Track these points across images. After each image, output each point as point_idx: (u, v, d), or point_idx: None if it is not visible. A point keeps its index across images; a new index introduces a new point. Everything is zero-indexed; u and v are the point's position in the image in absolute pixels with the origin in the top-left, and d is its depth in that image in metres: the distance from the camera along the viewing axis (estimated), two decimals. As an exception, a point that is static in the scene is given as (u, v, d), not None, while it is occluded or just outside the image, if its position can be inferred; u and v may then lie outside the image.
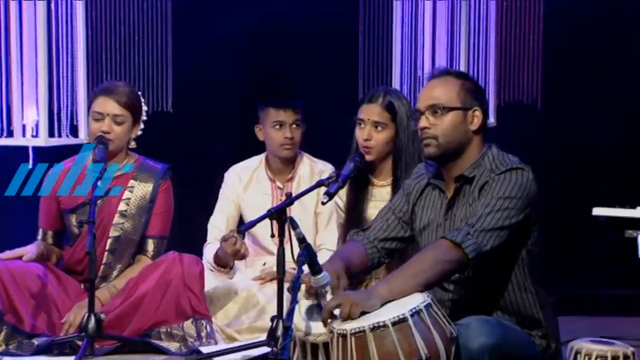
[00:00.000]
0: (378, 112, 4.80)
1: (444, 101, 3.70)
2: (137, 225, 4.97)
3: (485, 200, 3.59)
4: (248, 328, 4.93)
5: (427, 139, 3.71)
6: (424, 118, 3.71)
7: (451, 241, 3.51)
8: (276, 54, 6.20)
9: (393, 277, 3.51)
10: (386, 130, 4.80)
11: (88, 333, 4.47)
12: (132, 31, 5.90)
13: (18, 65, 5.49)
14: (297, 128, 5.24)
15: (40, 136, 5.51)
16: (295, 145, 5.26)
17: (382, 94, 4.83)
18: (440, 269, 3.50)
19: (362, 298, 3.43)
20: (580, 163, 6.20)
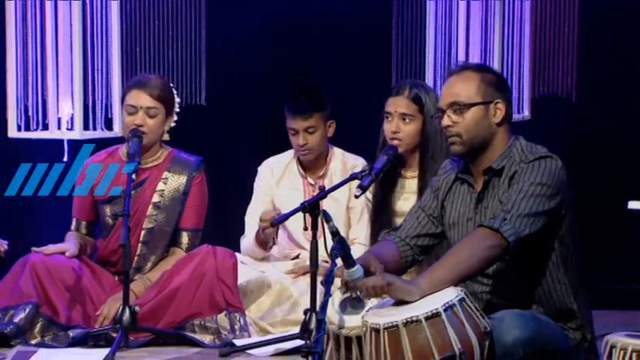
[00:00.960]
0: (405, 104, 4.79)
1: (464, 98, 3.68)
2: (170, 217, 4.99)
3: (518, 186, 3.58)
4: (281, 321, 4.94)
5: (451, 137, 3.70)
6: (446, 116, 3.70)
7: (489, 228, 3.49)
8: (310, 49, 6.19)
9: (433, 269, 3.49)
10: (413, 121, 4.79)
11: (123, 325, 4.49)
12: (166, 25, 5.92)
13: (53, 59, 5.52)
14: (312, 134, 5.19)
15: (75, 129, 5.54)
16: (311, 150, 5.22)
17: (408, 86, 4.82)
18: (480, 256, 3.48)
19: (405, 288, 3.42)
20: (615, 155, 6.16)
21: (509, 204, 3.54)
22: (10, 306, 4.70)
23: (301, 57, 6.21)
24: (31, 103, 5.58)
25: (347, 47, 6.11)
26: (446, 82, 3.77)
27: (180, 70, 5.97)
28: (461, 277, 3.46)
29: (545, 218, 3.55)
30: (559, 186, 3.59)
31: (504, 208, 3.54)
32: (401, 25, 5.85)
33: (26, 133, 5.60)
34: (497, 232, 3.48)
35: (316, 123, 5.18)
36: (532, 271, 3.65)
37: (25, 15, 5.50)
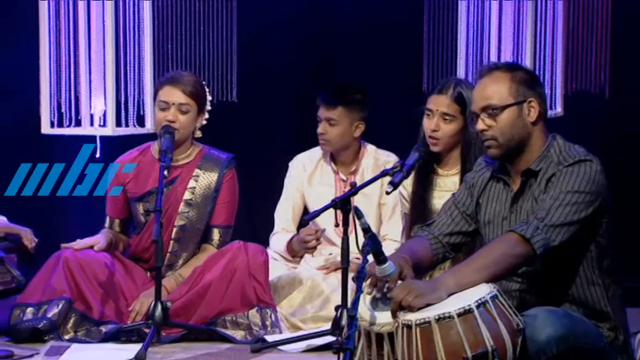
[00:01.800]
0: (447, 104, 4.77)
1: (497, 100, 3.64)
2: (202, 214, 5.01)
3: (554, 194, 3.54)
4: (312, 317, 4.94)
5: (487, 140, 3.67)
6: (480, 120, 3.67)
7: (520, 235, 3.47)
8: (341, 46, 6.19)
9: (459, 269, 3.49)
10: (454, 121, 4.77)
11: (155, 321, 4.51)
12: (198, 22, 5.93)
13: (86, 56, 5.55)
14: (332, 126, 5.21)
15: (108, 125, 5.57)
16: (328, 141, 5.23)
17: (452, 85, 4.79)
18: (507, 263, 3.47)
19: (428, 290, 3.42)
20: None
21: (543, 212, 3.51)
22: (44, 301, 4.73)
23: (332, 54, 6.21)
24: (64, 99, 5.61)
25: (378, 45, 6.10)
26: (477, 84, 3.73)
27: (212, 68, 5.98)
28: (485, 280, 3.46)
29: (580, 226, 3.52)
30: (598, 191, 3.56)
31: (538, 215, 3.51)
32: (432, 24, 5.83)
33: (59, 129, 5.63)
34: (527, 241, 3.47)
35: (339, 117, 5.19)
36: (566, 272, 3.63)
37: (58, 14, 5.53)
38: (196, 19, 5.93)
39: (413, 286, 3.44)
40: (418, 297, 3.39)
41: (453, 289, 3.43)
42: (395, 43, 6.05)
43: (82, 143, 5.78)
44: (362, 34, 6.12)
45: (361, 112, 5.25)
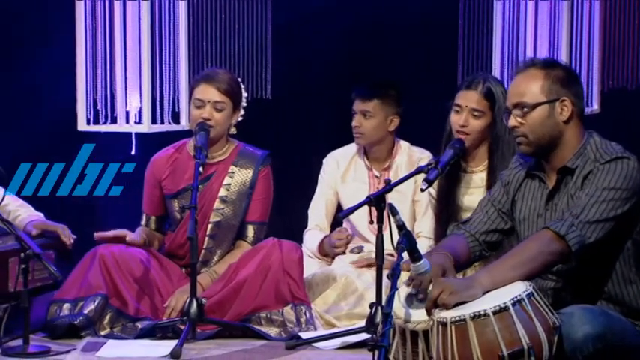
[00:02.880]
0: (476, 100, 4.76)
1: (528, 98, 3.63)
2: (237, 210, 5.02)
3: (590, 191, 3.53)
4: (347, 314, 4.94)
5: (518, 137, 3.66)
6: (512, 117, 3.66)
7: (554, 233, 3.47)
8: (376, 42, 6.18)
9: (494, 267, 3.48)
10: (483, 117, 4.77)
11: (190, 317, 4.52)
12: (232, 20, 5.95)
13: (122, 54, 5.58)
14: (367, 119, 5.22)
15: (144, 122, 5.60)
16: (363, 134, 5.24)
17: (481, 81, 4.79)
18: (542, 260, 3.47)
19: (462, 287, 3.41)
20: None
21: (578, 209, 3.50)
22: (80, 297, 4.76)
23: (367, 50, 6.20)
24: (99, 97, 5.65)
25: (413, 43, 6.08)
26: (512, 80, 3.73)
27: (246, 64, 6.00)
28: (520, 278, 3.45)
29: (615, 223, 3.51)
30: (634, 188, 3.54)
31: (573, 212, 3.50)
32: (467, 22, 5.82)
33: (95, 126, 5.67)
34: (562, 238, 3.45)
35: (374, 110, 5.20)
36: (602, 269, 3.61)
37: (95, 13, 5.57)
38: (231, 17, 5.95)
39: (448, 283, 3.44)
40: (453, 294, 3.39)
41: (487, 286, 3.43)
42: (430, 40, 6.03)
43: (118, 140, 5.83)
44: (397, 31, 6.11)
45: (396, 106, 5.25)
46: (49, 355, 4.39)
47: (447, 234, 3.93)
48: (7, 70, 6.15)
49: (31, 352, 4.38)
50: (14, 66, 6.14)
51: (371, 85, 5.29)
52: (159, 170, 5.07)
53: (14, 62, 6.15)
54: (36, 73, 6.08)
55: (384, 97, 5.23)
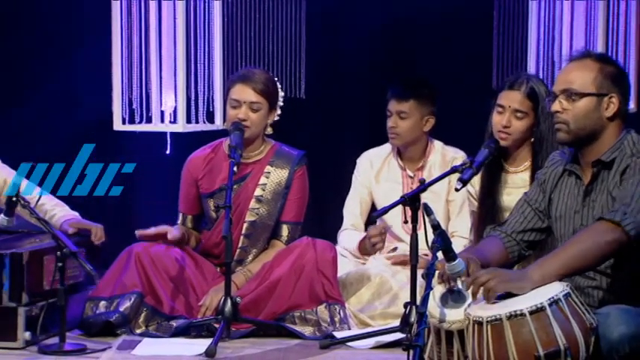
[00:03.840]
0: (519, 100, 4.73)
1: (578, 86, 3.62)
2: (272, 210, 5.03)
3: (635, 179, 3.51)
4: (381, 313, 4.94)
5: (558, 123, 3.65)
6: (557, 101, 3.65)
7: (610, 221, 3.44)
8: (410, 42, 6.17)
9: (546, 262, 3.45)
10: (526, 118, 4.74)
11: (225, 316, 4.54)
12: (266, 19, 5.97)
13: (157, 54, 5.61)
14: (403, 119, 5.20)
15: (179, 122, 5.62)
16: (399, 135, 5.22)
17: (525, 81, 4.75)
18: (598, 251, 3.43)
19: (513, 278, 3.40)
20: None
21: (628, 198, 3.48)
22: (116, 295, 4.79)
23: (401, 49, 6.19)
24: (135, 97, 5.68)
25: (448, 42, 6.07)
26: (564, 66, 3.72)
27: (280, 64, 6.01)
28: (575, 271, 3.44)
29: None
30: None
31: (624, 201, 3.48)
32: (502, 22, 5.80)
33: (130, 126, 5.70)
34: (618, 225, 3.43)
35: (409, 110, 5.19)
36: (639, 270, 3.60)
37: (130, 13, 5.60)
38: (265, 17, 5.97)
39: (499, 272, 3.43)
40: (502, 282, 3.38)
41: (539, 282, 3.40)
42: (464, 39, 6.02)
43: (153, 140, 5.86)
44: (432, 30, 6.09)
45: (431, 106, 5.24)
46: (84, 353, 4.42)
47: (484, 237, 3.91)
48: (44, 69, 6.19)
49: (67, 350, 4.40)
50: (51, 66, 6.19)
51: (406, 85, 5.27)
52: (195, 169, 5.08)
53: (50, 62, 6.20)
54: (72, 73, 6.12)
55: (419, 97, 5.22)
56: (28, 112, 6.16)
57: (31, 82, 6.17)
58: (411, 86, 5.26)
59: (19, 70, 6.20)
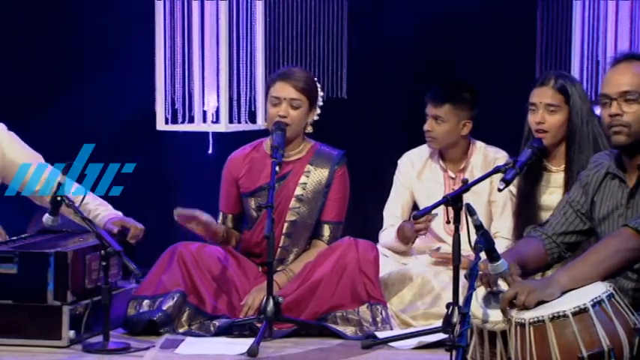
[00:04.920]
0: (550, 95, 4.74)
1: (637, 87, 3.60)
2: (313, 209, 5.04)
3: None
4: (423, 314, 4.93)
5: (617, 126, 3.62)
6: (615, 104, 3.62)
7: (633, 229, 3.44)
8: (452, 41, 6.16)
9: (572, 266, 3.45)
10: (559, 112, 4.74)
11: (267, 315, 4.55)
12: (309, 20, 5.98)
13: (199, 53, 5.64)
14: (439, 124, 5.18)
15: (221, 122, 5.64)
16: (434, 139, 5.20)
17: (553, 76, 4.77)
18: (621, 258, 3.44)
19: (540, 287, 3.39)
20: None
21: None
22: (159, 294, 4.81)
23: (443, 49, 6.18)
24: (177, 97, 5.71)
25: (490, 42, 6.05)
26: (613, 68, 3.69)
27: (322, 64, 6.02)
28: (600, 276, 3.42)
29: None
30: None
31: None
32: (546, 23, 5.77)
33: (173, 126, 5.73)
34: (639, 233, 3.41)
35: (445, 115, 5.17)
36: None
37: (173, 13, 5.63)
38: (307, 17, 5.98)
39: (524, 284, 3.42)
40: (530, 294, 3.37)
41: (566, 286, 3.40)
42: (507, 40, 5.99)
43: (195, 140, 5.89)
44: (474, 30, 6.08)
45: (469, 110, 5.21)
46: (128, 352, 4.43)
47: (524, 236, 3.90)
48: (88, 69, 6.24)
49: (110, 349, 4.42)
50: (94, 65, 6.23)
51: (444, 88, 5.24)
52: (236, 168, 5.10)
53: (94, 62, 6.24)
54: (115, 73, 6.16)
55: (456, 101, 5.19)
56: (71, 111, 6.21)
57: (74, 82, 6.21)
58: (448, 90, 5.22)
59: (62, 69, 6.26)
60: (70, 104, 6.20)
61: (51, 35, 6.26)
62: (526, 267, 3.65)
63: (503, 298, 3.42)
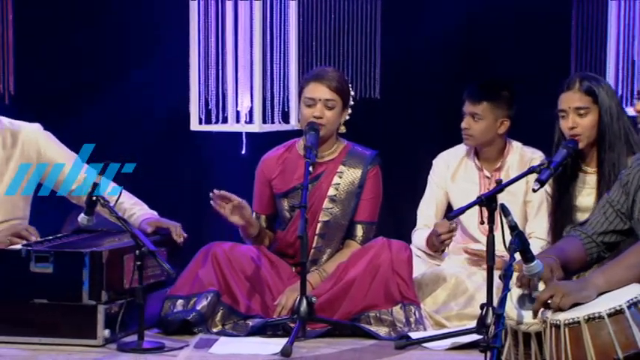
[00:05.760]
0: (577, 98, 4.72)
1: None
2: (346, 210, 5.04)
3: None
4: (457, 315, 4.92)
5: None
6: None
7: None
8: (486, 42, 6.14)
9: (609, 268, 3.43)
10: (589, 114, 4.72)
11: (301, 315, 4.55)
12: (342, 20, 5.98)
13: (233, 54, 5.65)
14: (476, 121, 5.18)
15: (255, 122, 5.65)
16: (471, 136, 5.20)
17: (578, 79, 4.75)
18: None
19: (575, 289, 3.37)
20: None
21: None
22: (193, 294, 4.82)
23: (476, 50, 6.16)
24: (211, 97, 5.73)
25: (525, 42, 6.02)
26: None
27: (355, 65, 6.03)
28: (636, 278, 3.39)
29: None
30: None
31: None
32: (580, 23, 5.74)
33: (207, 126, 5.74)
34: None
35: (483, 112, 5.16)
36: None
37: (207, 13, 5.65)
38: (340, 17, 5.99)
39: (559, 286, 3.40)
40: (565, 296, 3.35)
41: (602, 287, 3.38)
42: (542, 40, 5.97)
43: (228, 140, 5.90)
44: (508, 29, 6.06)
45: (507, 109, 5.20)
46: (162, 351, 4.45)
47: (563, 236, 3.88)
48: (122, 69, 6.27)
49: (145, 348, 4.44)
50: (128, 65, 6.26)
51: (482, 86, 5.24)
52: (269, 169, 5.11)
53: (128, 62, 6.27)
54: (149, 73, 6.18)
55: (494, 99, 5.18)
56: (104, 111, 6.24)
57: (109, 82, 6.25)
58: (485, 88, 5.22)
59: (95, 69, 6.28)
60: (105, 104, 6.23)
61: (85, 34, 6.29)
62: (568, 267, 3.64)
63: (538, 299, 3.41)
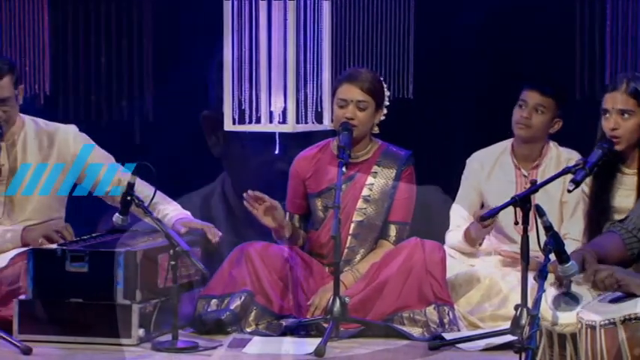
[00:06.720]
0: (622, 100, 4.67)
1: None
2: (380, 210, 5.03)
3: None
4: (490, 315, 4.90)
5: None
6: None
7: None
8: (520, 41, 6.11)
9: None
10: (633, 117, 4.67)
11: (334, 315, 4.55)
12: (375, 20, 5.98)
13: (266, 54, 5.65)
14: (539, 114, 5.17)
15: (288, 122, 5.66)
16: (529, 127, 5.17)
17: (625, 80, 4.70)
18: None
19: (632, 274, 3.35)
20: None
21: None
22: (226, 293, 4.84)
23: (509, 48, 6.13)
24: (244, 97, 5.73)
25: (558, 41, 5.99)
26: None
27: (388, 64, 6.02)
28: None
29: None
30: None
31: None
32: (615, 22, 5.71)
33: (240, 126, 5.75)
34: None
35: (548, 106, 5.16)
36: None
37: (241, 13, 5.66)
38: (374, 17, 5.98)
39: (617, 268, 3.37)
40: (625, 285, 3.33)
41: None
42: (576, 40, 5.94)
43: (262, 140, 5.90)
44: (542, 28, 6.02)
45: (561, 109, 5.21)
46: (196, 350, 4.47)
47: (602, 232, 3.86)
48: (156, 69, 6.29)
49: (179, 348, 4.46)
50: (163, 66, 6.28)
51: (551, 82, 5.24)
52: (303, 169, 5.12)
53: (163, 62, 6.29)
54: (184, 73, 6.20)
55: (558, 97, 5.21)
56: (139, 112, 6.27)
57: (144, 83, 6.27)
58: (554, 84, 5.23)
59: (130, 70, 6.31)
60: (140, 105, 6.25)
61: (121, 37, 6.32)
62: (606, 262, 3.62)
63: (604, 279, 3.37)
